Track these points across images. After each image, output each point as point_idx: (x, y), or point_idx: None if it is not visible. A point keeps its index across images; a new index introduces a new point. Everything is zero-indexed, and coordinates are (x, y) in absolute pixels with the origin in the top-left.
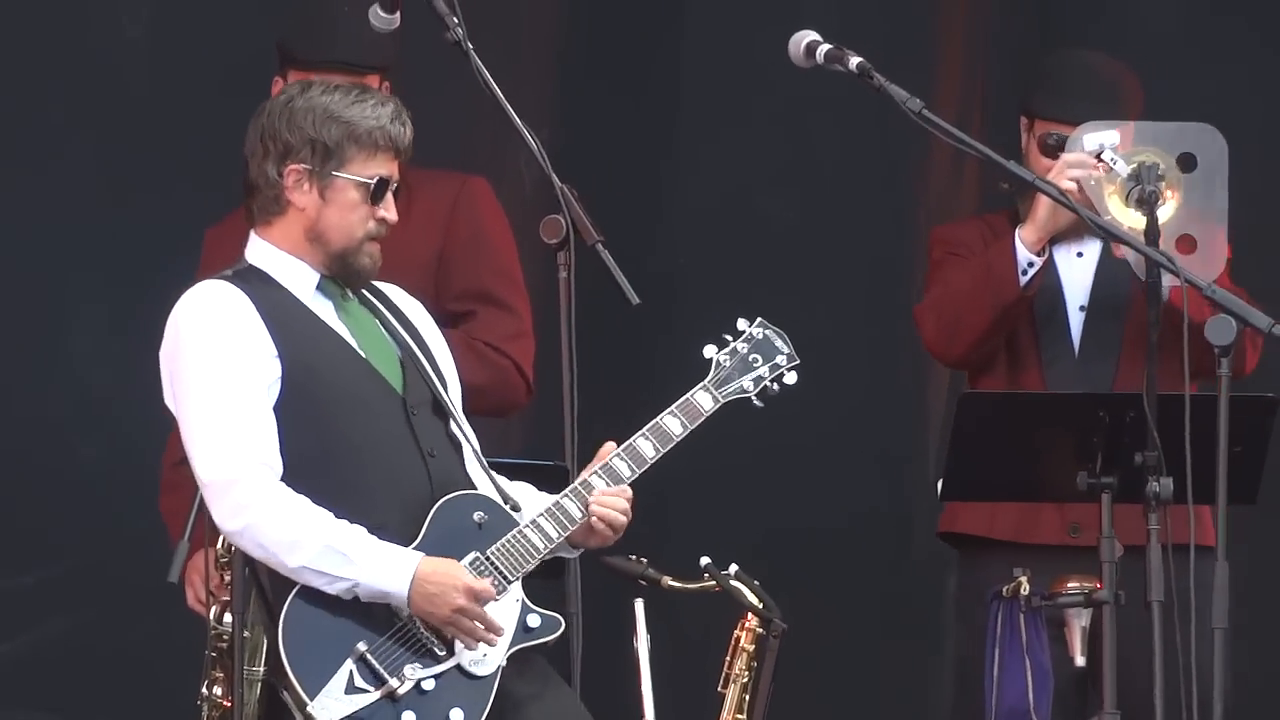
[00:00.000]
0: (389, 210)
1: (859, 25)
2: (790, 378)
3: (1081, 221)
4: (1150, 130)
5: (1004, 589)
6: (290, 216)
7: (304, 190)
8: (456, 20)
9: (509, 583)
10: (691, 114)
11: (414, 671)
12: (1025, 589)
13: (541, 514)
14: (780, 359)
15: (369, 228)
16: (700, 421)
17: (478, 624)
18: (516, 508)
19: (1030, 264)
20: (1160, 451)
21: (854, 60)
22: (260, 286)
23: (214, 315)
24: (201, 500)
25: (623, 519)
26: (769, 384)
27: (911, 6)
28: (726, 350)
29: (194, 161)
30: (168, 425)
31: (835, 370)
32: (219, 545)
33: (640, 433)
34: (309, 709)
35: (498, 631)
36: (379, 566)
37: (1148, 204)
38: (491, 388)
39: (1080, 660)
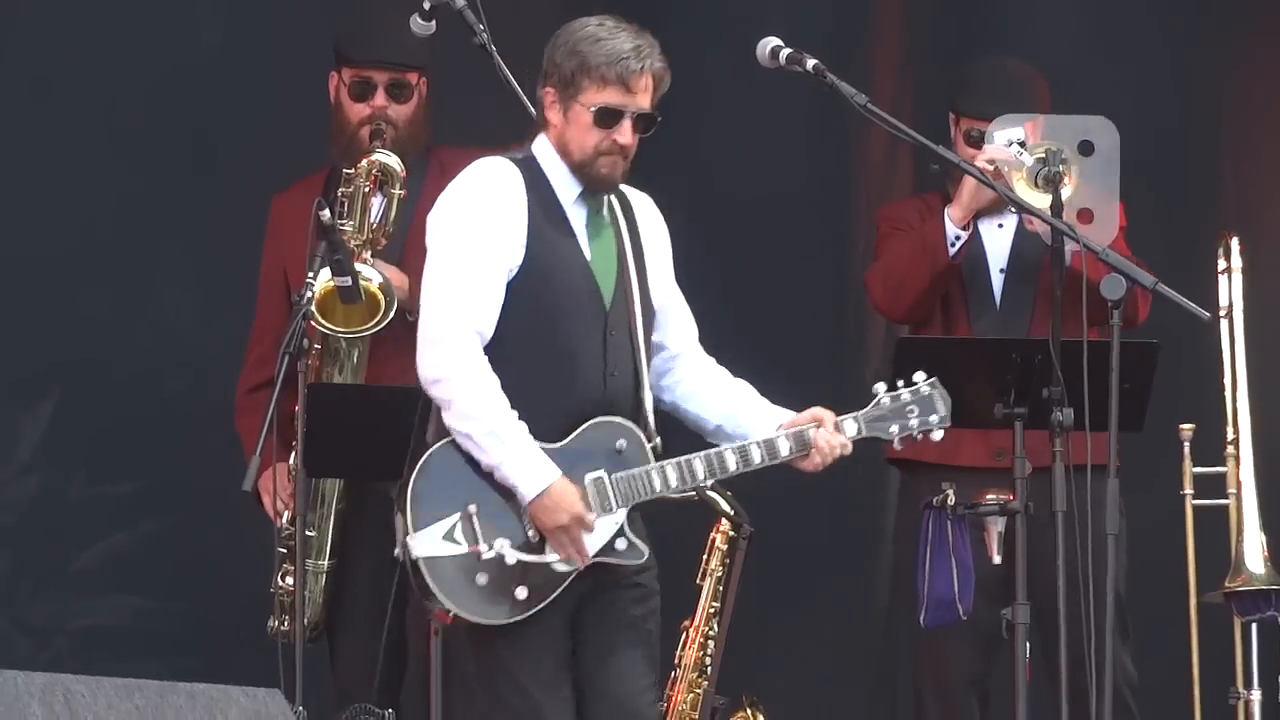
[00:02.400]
0: (621, 135)
1: (809, 31)
2: (936, 435)
3: (1000, 200)
4: (1055, 122)
5: (934, 500)
6: (550, 130)
7: (554, 110)
8: (482, 26)
9: (616, 508)
10: (667, 106)
11: (502, 545)
12: (951, 500)
13: (670, 463)
14: (933, 419)
15: (601, 145)
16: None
17: (571, 545)
18: (657, 449)
19: (957, 237)
20: (1063, 387)
21: (810, 61)
22: (533, 177)
23: (488, 189)
24: (272, 419)
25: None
26: (913, 435)
27: (853, 16)
28: (891, 394)
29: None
30: (239, 363)
31: (792, 325)
32: (289, 460)
33: (780, 434)
34: (408, 538)
35: (584, 556)
36: (523, 466)
37: (1051, 183)
38: None
39: (997, 559)
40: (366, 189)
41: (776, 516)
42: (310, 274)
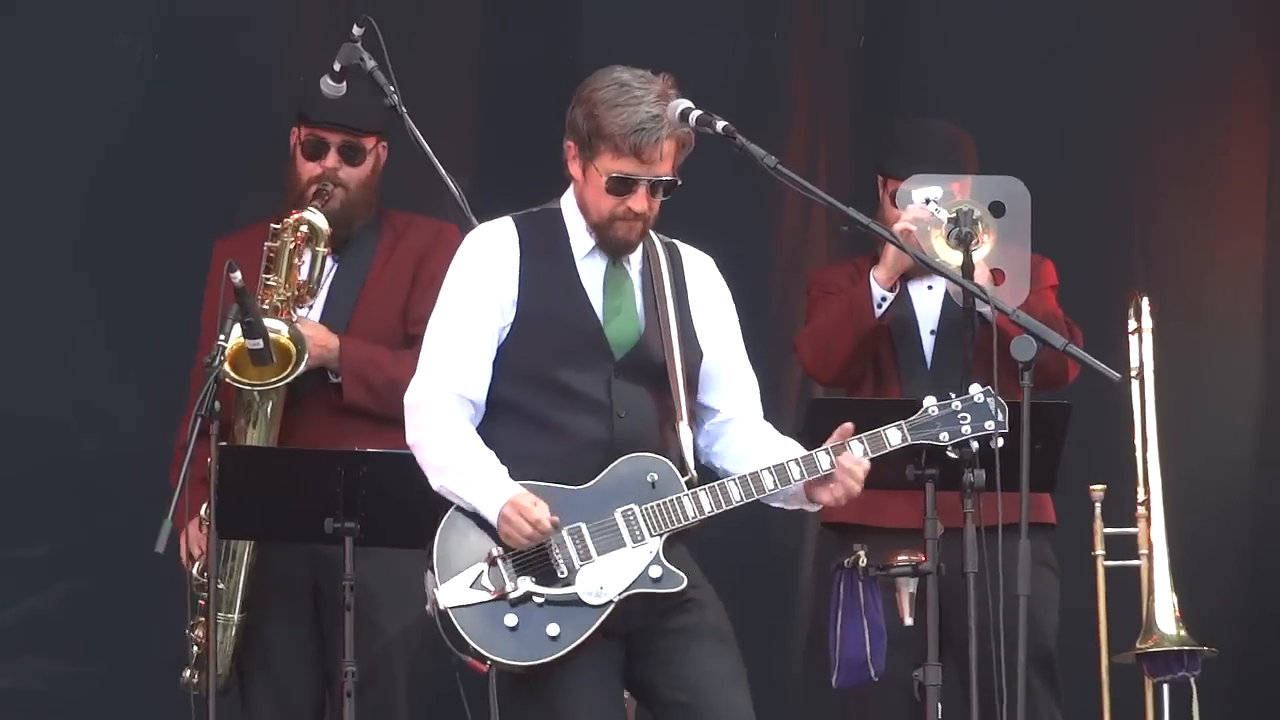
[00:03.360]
0: (636, 203)
1: (724, 91)
2: (998, 441)
3: (916, 260)
4: (980, 183)
5: (845, 561)
6: (574, 184)
7: (575, 165)
8: (393, 89)
9: (649, 537)
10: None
11: (529, 584)
12: (863, 561)
13: (704, 488)
14: (989, 424)
15: (616, 211)
16: (884, 452)
17: (516, 529)
18: (693, 481)
19: (884, 298)
20: (974, 448)
21: (720, 123)
22: (543, 229)
23: (473, 255)
24: (185, 483)
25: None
26: (969, 440)
27: (768, 76)
28: (941, 403)
29: (192, 181)
30: (151, 419)
31: None
32: (200, 512)
33: (822, 448)
34: (437, 591)
35: (542, 528)
36: (482, 491)
37: (964, 243)
38: None
39: (909, 620)
40: (292, 245)
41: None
42: (221, 335)
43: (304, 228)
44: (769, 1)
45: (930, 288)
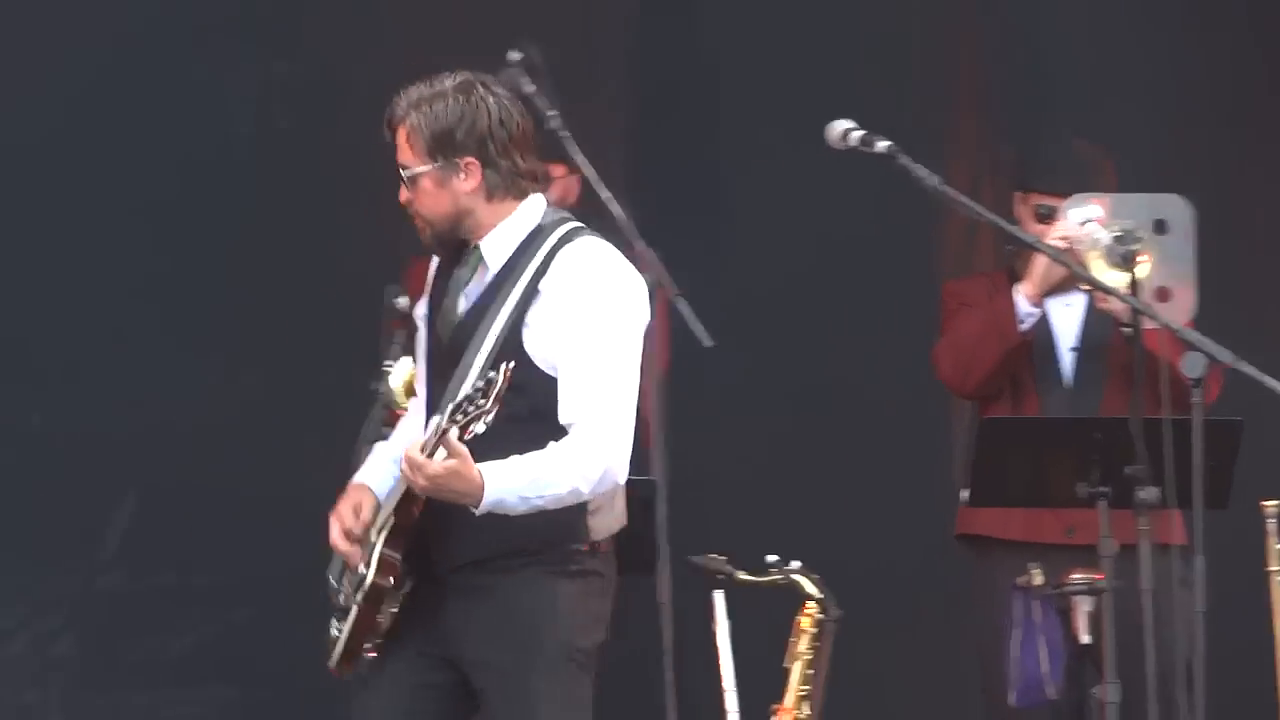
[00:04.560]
0: (401, 195)
1: (887, 113)
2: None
3: (1070, 277)
4: (1126, 201)
5: (1020, 581)
6: None
7: None
8: (553, 112)
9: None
10: (741, 186)
11: (346, 588)
12: (1039, 580)
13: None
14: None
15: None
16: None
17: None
18: None
19: (1029, 314)
20: (1147, 465)
21: (882, 144)
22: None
23: None
24: None
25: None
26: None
27: (929, 97)
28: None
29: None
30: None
31: (875, 399)
32: None
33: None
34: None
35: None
36: None
37: (1128, 262)
38: None
39: (1085, 638)
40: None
41: (861, 600)
42: (386, 362)
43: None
44: (927, 19)
45: (1068, 305)
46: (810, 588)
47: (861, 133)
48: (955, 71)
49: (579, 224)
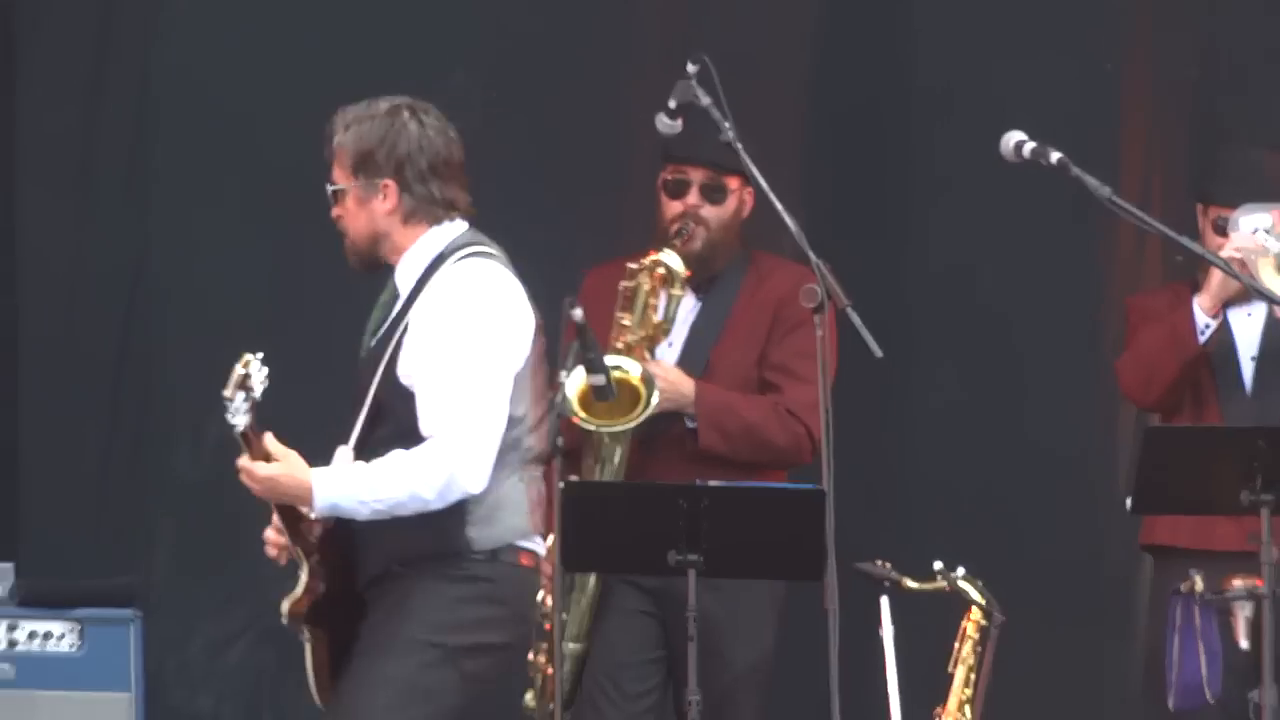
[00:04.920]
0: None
1: (1059, 126)
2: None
3: (1248, 288)
4: None
5: (1182, 586)
6: None
7: None
8: (728, 124)
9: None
10: (918, 197)
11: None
12: (1199, 586)
13: None
14: None
15: None
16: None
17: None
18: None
19: (1207, 325)
20: None
21: (1054, 155)
22: None
23: None
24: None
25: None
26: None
27: (1102, 109)
28: None
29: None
30: None
31: (1039, 409)
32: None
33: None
34: None
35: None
36: None
37: None
38: (788, 448)
39: (1244, 644)
40: (648, 286)
41: (1024, 606)
42: (563, 372)
43: (660, 269)
44: (1102, 33)
45: (1249, 314)
46: (974, 594)
47: (1034, 145)
48: (1131, 84)
49: (477, 248)
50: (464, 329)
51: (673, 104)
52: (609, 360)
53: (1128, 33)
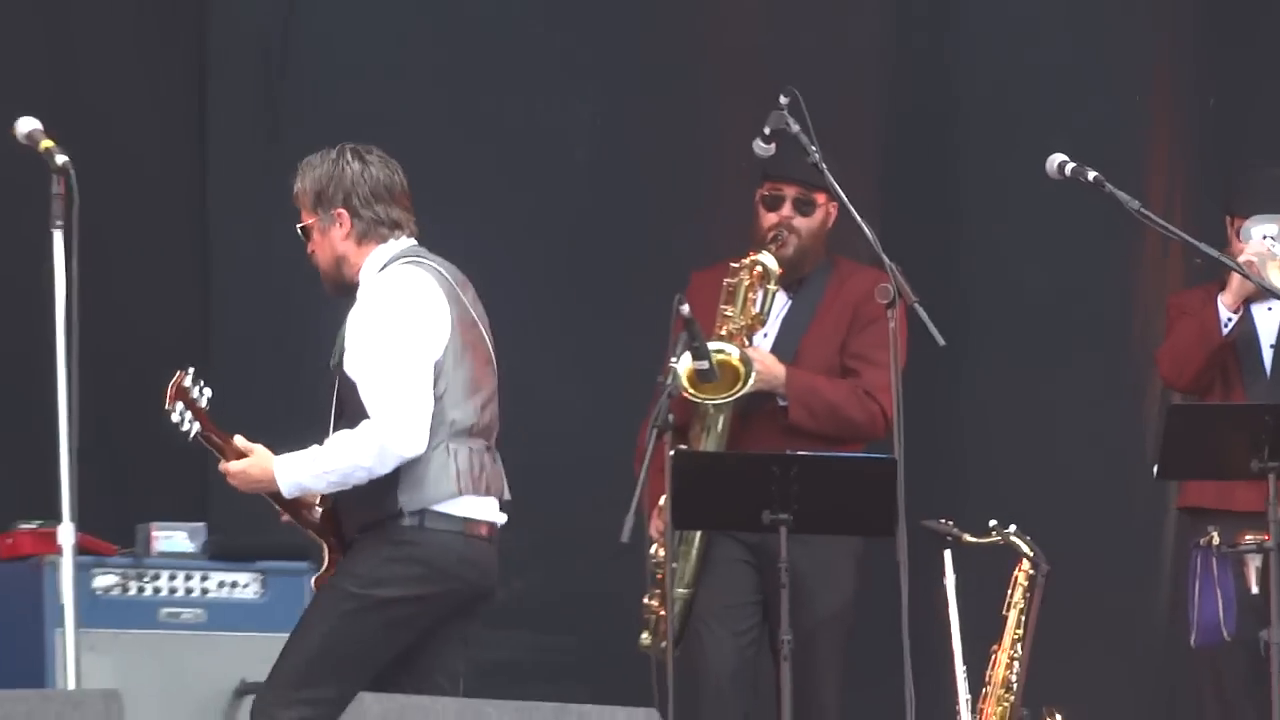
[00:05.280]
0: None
1: (1092, 147)
2: None
3: (1258, 287)
4: None
5: (1201, 540)
6: None
7: None
8: (815, 147)
9: None
10: (974, 209)
11: None
12: (1215, 540)
13: None
14: None
15: None
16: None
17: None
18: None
19: (1229, 319)
20: None
21: (1091, 174)
22: None
23: None
24: (643, 487)
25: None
26: None
27: (1132, 132)
28: None
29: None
30: (610, 426)
31: (1077, 391)
32: (660, 502)
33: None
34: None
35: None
36: None
37: None
38: (865, 424)
39: (1255, 589)
40: (748, 282)
41: (1067, 558)
42: (673, 358)
43: (758, 268)
44: (1132, 67)
45: (1270, 309)
46: (1024, 547)
47: (1074, 164)
48: (1156, 111)
49: (409, 259)
50: (380, 324)
51: (767, 130)
52: (713, 344)
53: (1154, 64)
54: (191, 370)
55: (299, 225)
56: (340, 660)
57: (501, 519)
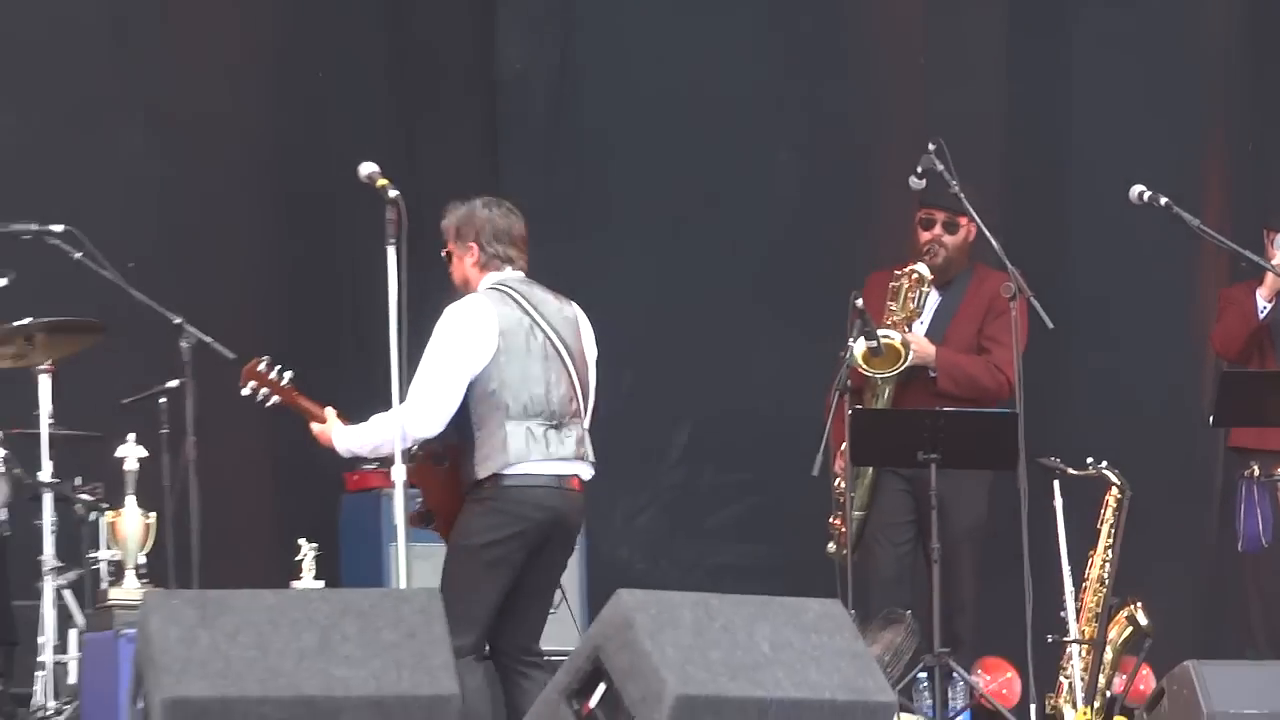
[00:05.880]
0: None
1: (1164, 179)
2: None
3: None
4: None
5: (1244, 472)
6: None
7: None
8: (955, 182)
9: None
10: (1075, 223)
11: None
12: (1256, 472)
13: None
14: None
15: None
16: None
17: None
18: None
19: (1264, 307)
20: None
21: (1163, 199)
22: None
23: None
24: (829, 433)
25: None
26: None
27: (1190, 167)
28: None
29: (839, 240)
30: (809, 392)
31: (1152, 362)
32: (841, 446)
33: None
34: None
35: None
36: None
37: None
38: (995, 390)
39: None
40: (907, 285)
41: (1146, 483)
42: (850, 339)
43: (915, 274)
44: (1193, 123)
45: None
46: (1113, 478)
47: (1149, 191)
48: (1213, 149)
49: (492, 285)
50: (433, 337)
51: (920, 169)
52: (881, 332)
53: (1208, 124)
54: (266, 358)
55: (443, 251)
56: (461, 604)
57: (573, 471)
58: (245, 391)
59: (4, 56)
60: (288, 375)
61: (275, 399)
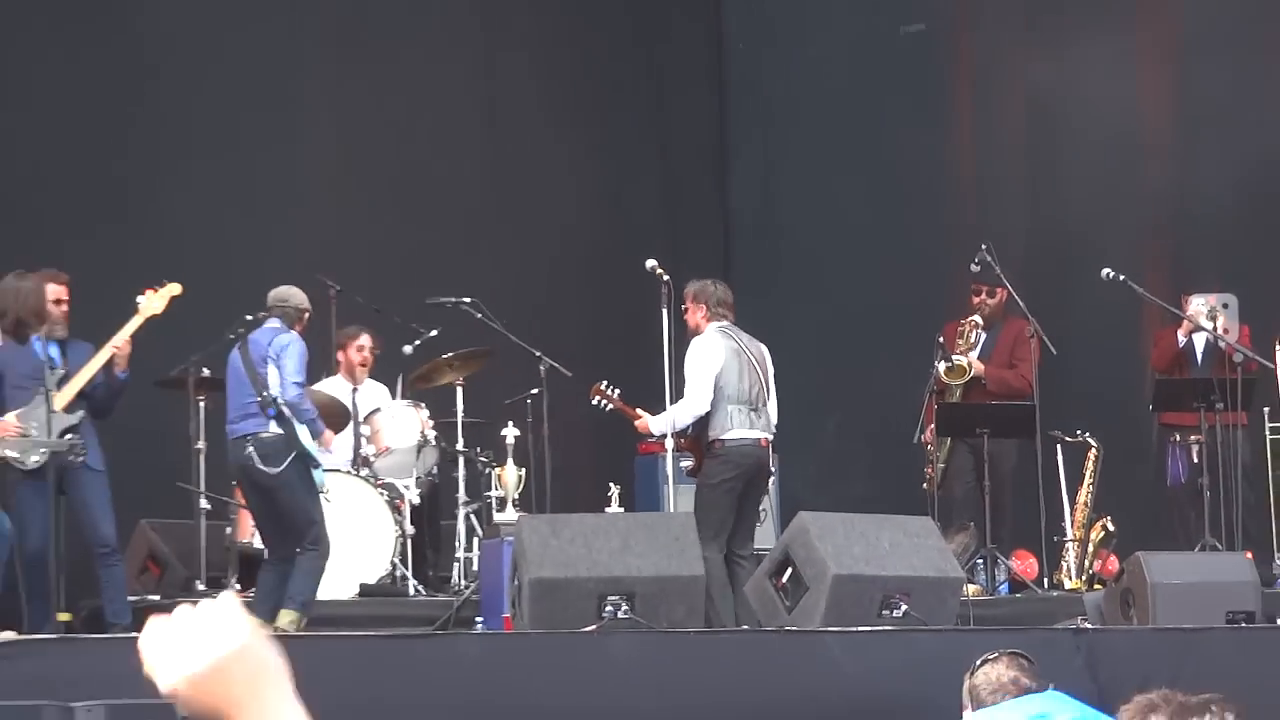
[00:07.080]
0: None
1: (1122, 257)
2: None
3: (1189, 329)
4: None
5: (1170, 439)
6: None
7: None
8: (998, 269)
9: None
10: (1071, 288)
11: None
12: (1177, 438)
13: None
14: None
15: None
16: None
17: None
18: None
19: (1182, 340)
20: None
21: (1122, 276)
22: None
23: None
24: (922, 421)
25: None
26: None
27: (1142, 253)
28: None
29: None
30: (898, 394)
31: (1118, 372)
32: (930, 426)
33: None
34: None
35: None
36: None
37: (1211, 318)
38: (1022, 390)
39: (1195, 461)
40: (968, 327)
41: (1114, 445)
42: (936, 362)
43: (973, 322)
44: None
45: (1202, 337)
46: (1092, 442)
47: (1113, 272)
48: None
49: (719, 328)
50: (690, 356)
51: (976, 260)
52: (954, 357)
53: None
54: (606, 380)
55: (682, 307)
56: (706, 521)
57: (763, 435)
58: (594, 402)
59: (411, 180)
60: (617, 391)
61: (610, 406)
